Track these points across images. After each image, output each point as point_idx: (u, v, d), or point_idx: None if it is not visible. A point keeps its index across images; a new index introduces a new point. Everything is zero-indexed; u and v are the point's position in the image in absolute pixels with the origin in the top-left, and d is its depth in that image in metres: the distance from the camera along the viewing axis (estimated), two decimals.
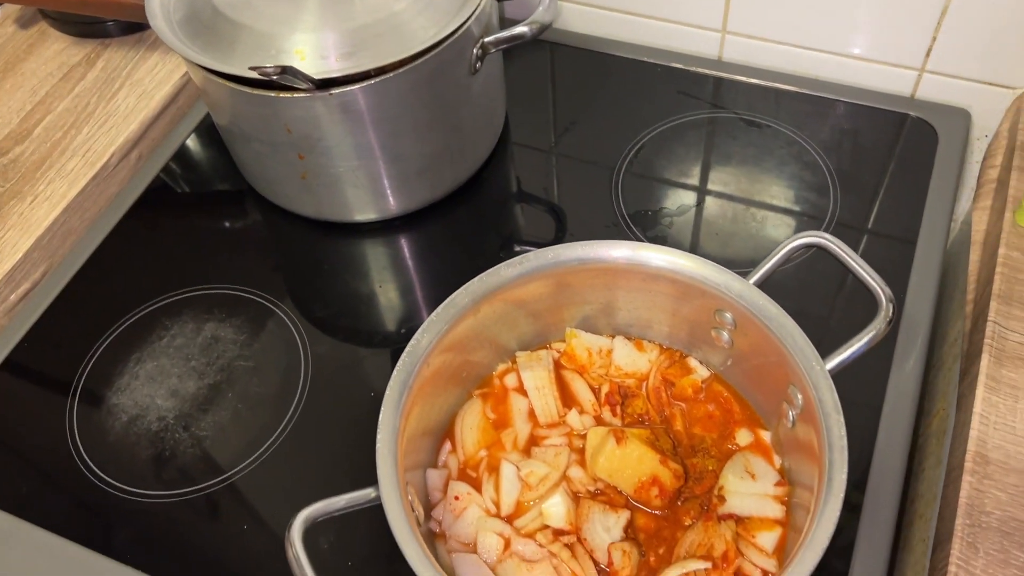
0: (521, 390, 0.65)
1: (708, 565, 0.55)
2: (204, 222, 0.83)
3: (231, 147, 0.80)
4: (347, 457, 0.66)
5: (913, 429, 0.66)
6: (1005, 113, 0.81)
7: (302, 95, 0.65)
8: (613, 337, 0.67)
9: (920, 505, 0.71)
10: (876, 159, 0.82)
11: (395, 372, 0.55)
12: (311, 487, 0.64)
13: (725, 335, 0.61)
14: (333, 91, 0.65)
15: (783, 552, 0.56)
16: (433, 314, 0.57)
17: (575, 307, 0.65)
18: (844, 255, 0.56)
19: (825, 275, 0.74)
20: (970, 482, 0.58)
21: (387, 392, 0.54)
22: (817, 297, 0.73)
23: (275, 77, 0.60)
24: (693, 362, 0.65)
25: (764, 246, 0.77)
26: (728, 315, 0.59)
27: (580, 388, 0.65)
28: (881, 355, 0.68)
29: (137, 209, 0.83)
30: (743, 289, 0.57)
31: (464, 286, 0.59)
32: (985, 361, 0.64)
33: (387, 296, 0.77)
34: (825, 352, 0.55)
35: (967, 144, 0.84)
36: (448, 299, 0.58)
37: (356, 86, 0.65)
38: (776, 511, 0.57)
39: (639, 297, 0.63)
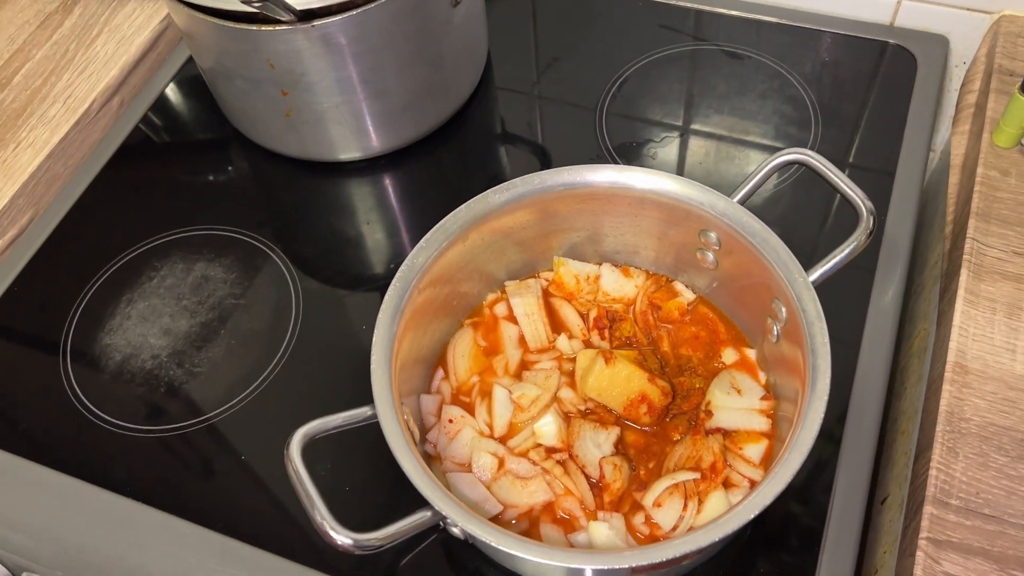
0: (511, 318, 0.66)
1: (697, 476, 0.56)
2: (189, 166, 0.83)
3: (214, 88, 0.79)
4: (342, 387, 0.67)
5: (894, 349, 0.67)
6: (983, 38, 0.81)
7: (284, 28, 0.65)
8: (600, 264, 0.68)
9: (902, 422, 0.73)
10: (857, 89, 0.82)
11: (388, 292, 0.56)
12: (307, 416, 0.64)
13: (710, 256, 0.62)
14: (315, 23, 0.65)
15: (769, 462, 0.57)
16: (423, 239, 0.58)
17: (562, 235, 0.66)
18: (826, 170, 0.56)
19: (809, 198, 0.75)
20: (950, 391, 0.60)
21: (381, 311, 0.55)
22: (801, 218, 0.74)
23: (256, 5, 0.60)
24: (679, 286, 0.67)
25: (746, 174, 0.77)
26: (713, 235, 0.60)
27: (569, 314, 0.66)
28: (863, 281, 0.70)
29: (121, 154, 0.83)
30: (727, 207, 0.58)
31: (453, 212, 0.59)
32: (964, 276, 0.65)
33: (374, 234, 0.78)
34: (808, 267, 0.56)
35: (946, 71, 0.85)
36: (438, 224, 0.59)
37: (337, 17, 0.65)
38: (762, 424, 0.59)
39: (625, 223, 0.64)
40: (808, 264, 0.55)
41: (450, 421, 0.60)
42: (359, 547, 0.46)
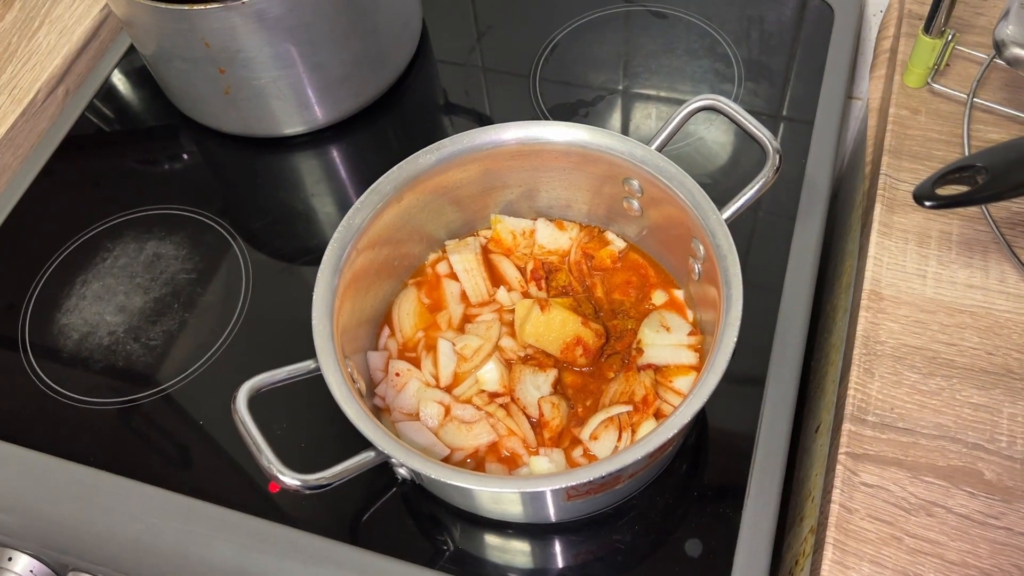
0: (452, 275, 0.68)
1: (629, 409, 0.60)
2: (137, 150, 0.85)
3: (155, 71, 0.81)
4: (292, 352, 0.68)
5: (815, 286, 0.71)
6: None
7: (216, 6, 0.67)
8: (536, 219, 0.71)
9: (832, 354, 0.76)
10: (779, 42, 0.86)
11: (327, 251, 0.58)
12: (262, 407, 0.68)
13: (635, 204, 0.65)
14: (245, 0, 0.67)
15: None
16: (358, 200, 0.60)
17: (497, 193, 0.69)
18: (735, 113, 0.60)
19: (725, 147, 0.78)
20: (866, 317, 0.64)
21: (320, 269, 0.57)
22: (718, 164, 0.78)
23: None
24: (610, 235, 0.70)
25: (680, 136, 0.80)
26: (635, 183, 0.63)
27: (507, 268, 0.69)
28: (785, 228, 0.72)
29: (69, 142, 0.85)
30: (645, 154, 0.61)
31: (385, 174, 0.62)
32: (878, 210, 0.69)
33: (322, 206, 0.80)
34: (722, 207, 0.59)
35: (863, 20, 0.88)
36: (372, 186, 0.61)
37: None
38: (690, 358, 0.62)
39: (555, 177, 0.67)
40: (723, 202, 0.59)
41: (397, 375, 0.63)
42: (306, 487, 0.49)
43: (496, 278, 0.69)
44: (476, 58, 0.88)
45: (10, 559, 0.67)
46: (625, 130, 0.82)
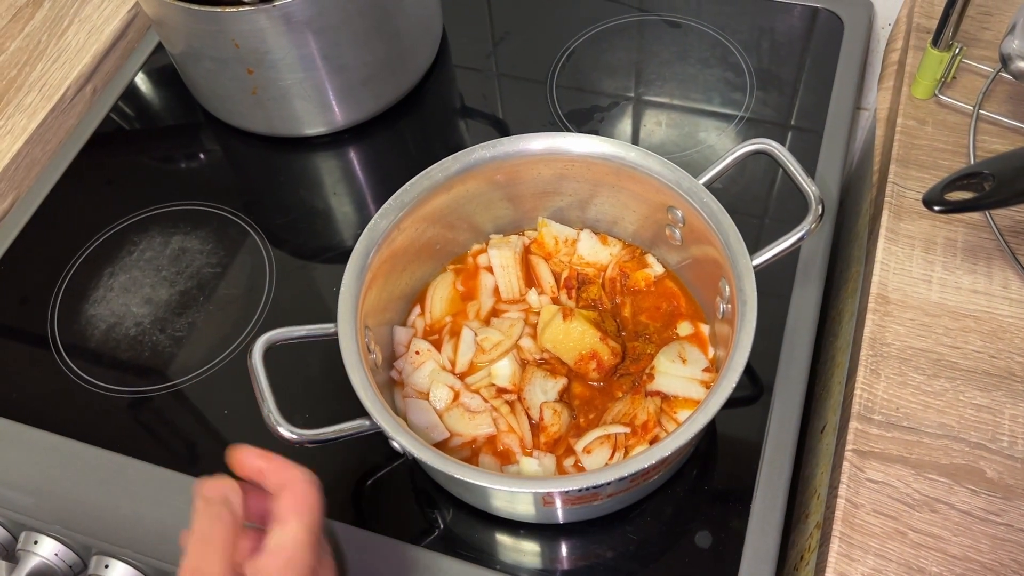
0: (490, 269, 0.70)
1: (627, 431, 0.61)
2: (162, 147, 0.88)
3: (183, 71, 0.84)
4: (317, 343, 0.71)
5: (823, 293, 0.73)
6: (904, 0, 0.87)
7: (247, 8, 0.69)
8: (581, 230, 0.72)
9: (838, 357, 0.78)
10: (789, 53, 0.88)
11: (370, 224, 0.60)
12: (281, 370, 0.70)
13: (677, 233, 0.66)
14: (276, 3, 0.69)
15: None
16: (408, 183, 0.62)
17: (550, 198, 0.70)
18: (785, 160, 0.60)
19: (762, 179, 0.80)
20: (873, 320, 0.66)
21: (360, 239, 0.60)
22: (756, 200, 0.79)
23: None
24: (651, 259, 0.70)
25: (690, 143, 0.83)
26: (679, 212, 0.64)
27: (543, 272, 0.70)
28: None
29: (97, 139, 0.87)
30: (691, 186, 0.61)
31: (440, 161, 0.64)
32: (886, 217, 0.71)
33: (340, 204, 0.82)
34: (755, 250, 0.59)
35: (872, 32, 0.91)
36: (424, 171, 0.63)
37: None
38: (699, 393, 0.63)
39: (607, 193, 0.68)
40: (759, 242, 0.59)
41: (416, 353, 0.65)
42: (301, 440, 0.53)
43: (531, 279, 0.70)
44: (493, 63, 0.91)
45: (36, 542, 0.69)
46: (640, 139, 0.84)
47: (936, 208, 0.54)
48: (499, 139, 0.64)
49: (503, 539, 0.63)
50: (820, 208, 0.58)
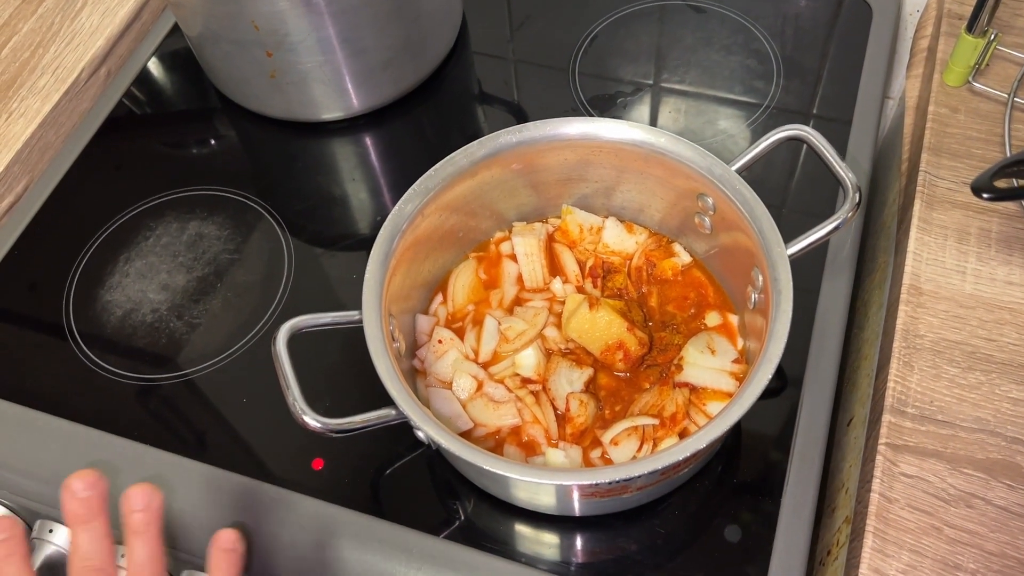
0: (513, 257, 0.69)
1: (655, 422, 0.60)
2: (177, 132, 0.86)
3: (200, 53, 0.82)
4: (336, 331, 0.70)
5: (852, 286, 0.71)
6: None
7: None
8: (606, 217, 0.70)
9: (865, 349, 0.77)
10: (816, 39, 0.86)
11: (393, 211, 0.59)
12: (304, 358, 0.69)
13: (707, 221, 0.64)
14: None
15: None
16: (432, 168, 0.61)
17: (575, 184, 0.68)
18: (820, 147, 0.59)
19: (781, 169, 0.79)
20: (906, 311, 0.64)
21: (384, 225, 0.58)
22: (778, 188, 0.77)
23: None
24: (678, 247, 0.69)
25: (712, 132, 0.81)
26: (709, 200, 0.62)
27: (568, 260, 0.69)
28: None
29: (111, 122, 0.86)
30: (723, 173, 0.60)
31: (464, 147, 0.62)
32: (918, 206, 0.69)
33: (357, 191, 0.81)
34: (789, 238, 0.58)
35: (900, 19, 0.89)
36: (448, 156, 0.62)
37: None
38: (729, 385, 0.61)
39: (633, 179, 0.66)
40: (790, 235, 0.58)
41: (439, 342, 0.64)
42: (327, 430, 0.52)
43: (555, 268, 0.69)
44: (513, 48, 0.89)
45: (51, 531, 0.68)
46: (665, 125, 0.82)
47: (985, 196, 0.52)
48: (525, 124, 0.63)
49: (524, 531, 0.62)
50: (858, 196, 0.57)
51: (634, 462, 0.50)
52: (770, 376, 0.51)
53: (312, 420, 0.51)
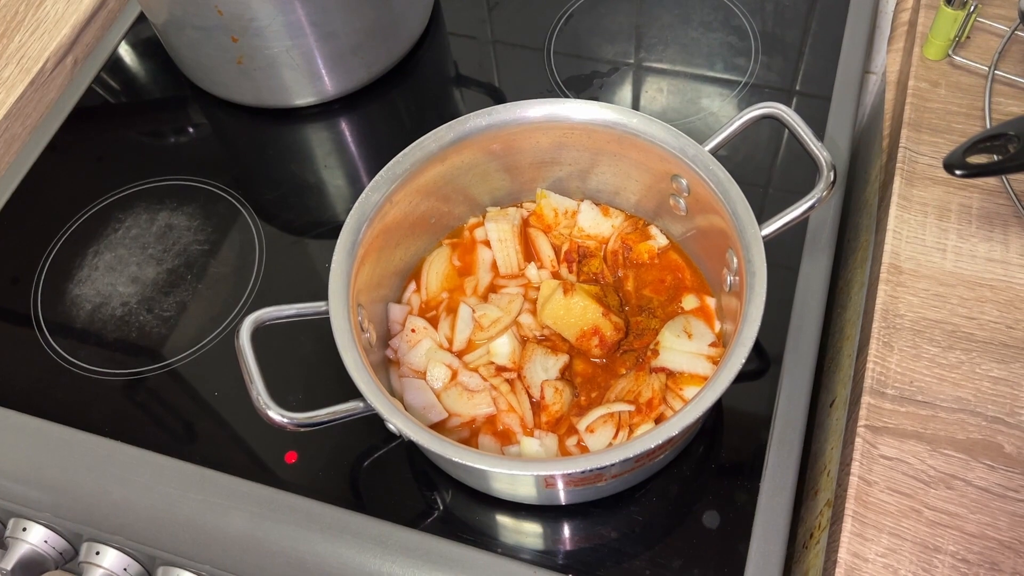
0: (488, 243, 0.68)
1: (631, 409, 0.59)
2: (146, 121, 0.85)
3: (166, 41, 0.80)
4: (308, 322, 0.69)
5: (832, 263, 0.70)
6: None
7: None
8: (582, 201, 0.69)
9: (848, 329, 0.76)
10: (796, 15, 0.85)
11: (360, 197, 0.58)
12: (273, 350, 0.68)
13: (682, 203, 0.63)
14: None
15: None
16: (400, 153, 0.60)
17: (549, 168, 0.67)
18: (795, 125, 0.57)
19: (765, 147, 0.77)
20: (885, 290, 0.63)
21: (350, 213, 0.57)
22: (762, 167, 0.76)
23: None
24: (654, 230, 0.68)
25: (693, 110, 0.80)
26: (684, 181, 0.61)
27: (543, 245, 0.68)
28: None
29: (77, 113, 0.84)
30: (696, 153, 0.59)
31: (434, 130, 0.61)
32: (897, 183, 0.68)
33: (332, 177, 0.79)
34: (763, 218, 0.57)
35: None
36: (417, 140, 0.60)
37: None
38: (706, 369, 0.60)
39: (608, 162, 0.65)
40: (764, 215, 0.57)
41: (412, 331, 0.63)
42: (292, 423, 0.51)
43: (529, 253, 0.68)
44: (488, 30, 0.88)
45: (24, 529, 0.67)
46: (637, 104, 0.81)
47: (958, 172, 0.51)
48: (495, 107, 0.62)
49: (504, 521, 0.61)
50: (832, 174, 0.55)
51: (605, 451, 0.49)
52: (743, 360, 0.50)
53: (276, 414, 0.50)
